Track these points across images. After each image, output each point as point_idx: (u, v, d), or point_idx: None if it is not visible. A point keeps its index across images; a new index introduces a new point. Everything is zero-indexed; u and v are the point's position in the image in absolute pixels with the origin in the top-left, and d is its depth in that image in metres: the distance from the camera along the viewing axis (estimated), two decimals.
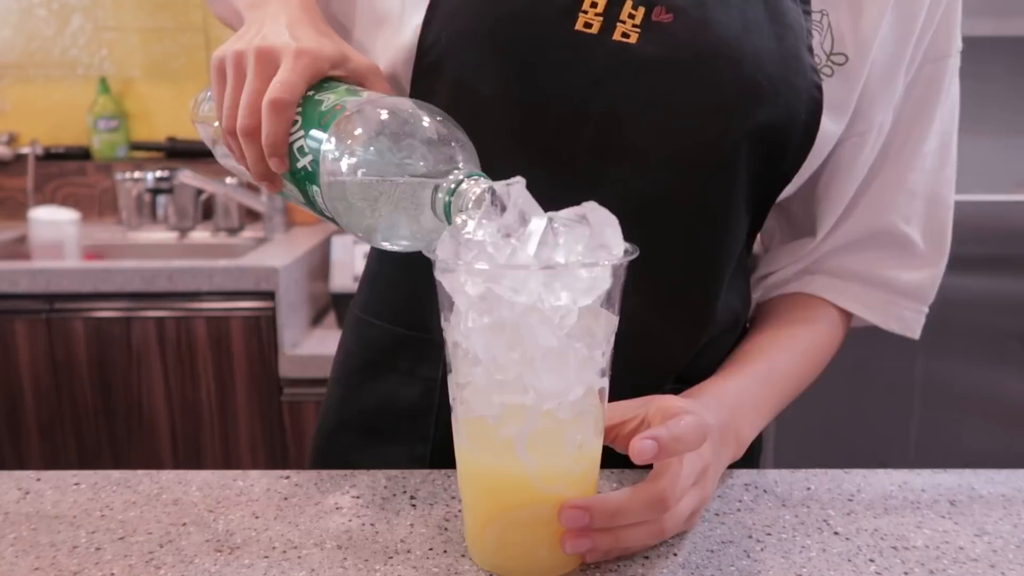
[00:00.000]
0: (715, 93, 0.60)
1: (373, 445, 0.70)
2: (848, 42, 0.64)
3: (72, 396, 1.69)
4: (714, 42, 0.60)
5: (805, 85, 0.62)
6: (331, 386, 0.76)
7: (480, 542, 0.51)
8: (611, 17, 0.60)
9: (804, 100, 0.62)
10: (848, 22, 0.64)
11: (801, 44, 0.63)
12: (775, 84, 0.61)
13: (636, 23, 0.60)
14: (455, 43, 0.61)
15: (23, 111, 2.21)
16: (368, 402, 0.71)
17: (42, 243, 1.89)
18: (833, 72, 0.64)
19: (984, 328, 1.61)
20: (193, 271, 1.65)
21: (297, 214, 2.15)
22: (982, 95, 1.79)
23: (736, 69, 0.60)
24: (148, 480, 0.62)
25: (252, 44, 0.54)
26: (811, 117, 0.63)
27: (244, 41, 0.55)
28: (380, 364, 0.70)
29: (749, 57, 0.60)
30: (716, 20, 0.60)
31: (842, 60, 0.64)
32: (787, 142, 0.63)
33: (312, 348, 1.70)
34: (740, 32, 0.60)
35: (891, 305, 0.72)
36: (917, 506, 0.60)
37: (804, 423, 1.68)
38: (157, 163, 2.20)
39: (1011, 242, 1.60)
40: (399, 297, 0.70)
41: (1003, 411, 1.68)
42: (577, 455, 0.49)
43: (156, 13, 2.18)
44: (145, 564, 0.51)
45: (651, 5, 0.60)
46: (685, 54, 0.60)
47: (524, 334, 0.45)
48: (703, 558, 0.52)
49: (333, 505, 0.58)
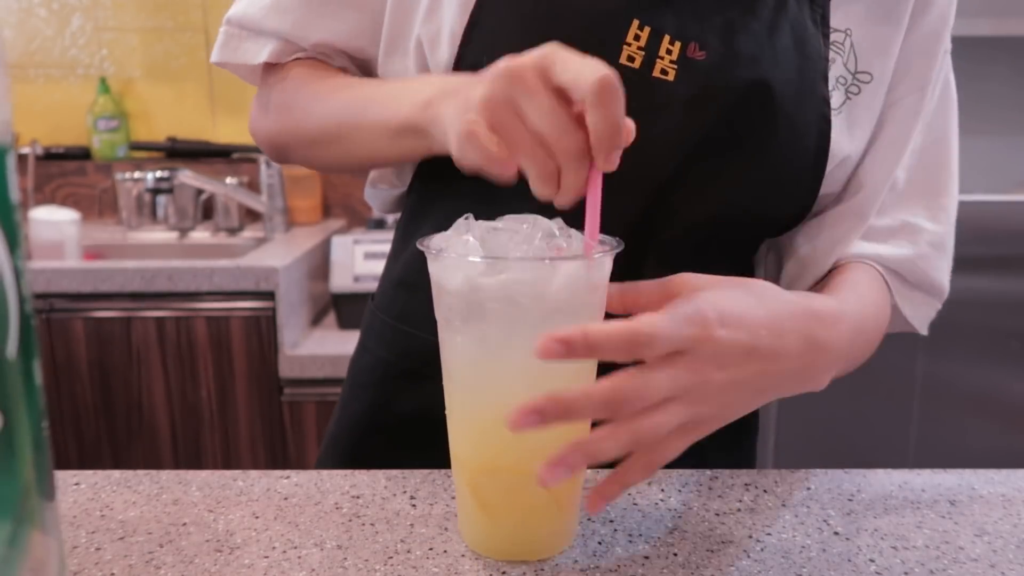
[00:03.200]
0: (740, 129, 0.62)
1: (410, 449, 0.70)
2: (873, 60, 0.66)
3: (72, 396, 1.69)
4: (743, 82, 0.61)
5: (815, 119, 0.64)
6: (356, 390, 0.75)
7: (471, 522, 0.52)
8: (651, 52, 0.61)
9: (814, 134, 0.64)
10: (870, 40, 0.66)
11: (817, 76, 0.64)
12: (791, 118, 0.63)
13: (673, 59, 0.61)
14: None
15: (23, 111, 2.21)
16: (407, 409, 0.71)
17: (42, 243, 1.89)
18: (860, 91, 0.66)
19: (984, 328, 1.62)
20: (193, 271, 1.65)
21: (297, 214, 2.15)
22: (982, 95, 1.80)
23: (761, 107, 0.62)
24: (148, 480, 0.62)
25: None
26: (819, 150, 0.65)
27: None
28: (421, 373, 0.70)
29: (774, 94, 0.62)
30: (746, 56, 0.61)
31: (868, 79, 0.66)
32: (796, 168, 0.65)
33: (312, 348, 1.70)
34: (769, 67, 0.62)
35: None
36: (917, 506, 0.60)
37: (804, 423, 1.68)
38: (157, 163, 2.20)
39: (1011, 242, 1.60)
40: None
41: (1003, 411, 1.68)
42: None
43: (156, 13, 2.18)
44: (145, 564, 0.51)
45: (686, 40, 0.61)
46: (716, 94, 0.61)
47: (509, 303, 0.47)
48: (703, 558, 0.52)
49: (333, 505, 0.58)
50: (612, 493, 0.48)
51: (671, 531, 0.55)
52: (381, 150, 0.65)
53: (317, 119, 0.68)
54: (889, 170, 0.68)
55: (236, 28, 0.72)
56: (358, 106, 0.65)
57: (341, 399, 0.78)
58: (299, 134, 0.71)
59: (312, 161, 0.74)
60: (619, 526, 0.56)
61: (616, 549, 0.53)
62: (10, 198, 0.31)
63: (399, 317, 0.72)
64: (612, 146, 0.46)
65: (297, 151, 0.73)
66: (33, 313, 0.33)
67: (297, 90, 0.70)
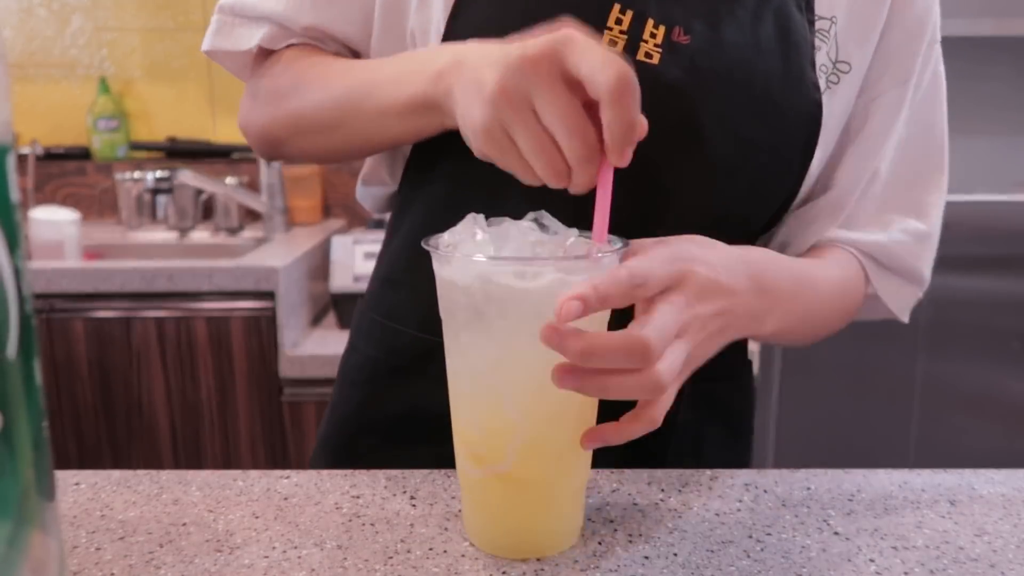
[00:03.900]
0: (727, 117, 0.61)
1: (400, 446, 0.70)
2: (853, 50, 0.65)
3: (72, 396, 1.69)
4: (728, 65, 0.61)
5: (805, 104, 0.64)
6: (347, 388, 0.75)
7: (475, 519, 0.53)
8: (635, 36, 0.61)
9: (804, 120, 0.64)
10: (852, 29, 0.65)
11: (805, 61, 0.64)
12: (779, 106, 0.63)
13: (657, 43, 0.61)
14: None
15: (23, 111, 2.21)
16: (396, 407, 0.71)
17: (42, 243, 1.89)
18: (839, 80, 0.66)
19: (984, 328, 1.62)
20: (193, 271, 1.65)
21: (297, 214, 2.15)
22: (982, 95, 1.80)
23: (747, 92, 0.62)
24: (148, 480, 0.62)
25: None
26: (810, 136, 0.65)
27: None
28: (408, 370, 0.70)
29: (759, 80, 0.62)
30: (730, 42, 0.61)
31: (847, 69, 0.66)
32: (787, 160, 0.65)
33: (312, 348, 1.70)
34: (752, 54, 0.62)
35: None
36: (917, 506, 0.60)
37: (804, 423, 1.68)
38: (157, 163, 2.20)
39: (1011, 242, 1.60)
40: (428, 305, 0.70)
41: (1003, 411, 1.68)
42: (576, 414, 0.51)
43: (156, 13, 2.18)
44: (145, 564, 0.51)
45: (671, 24, 0.61)
46: (701, 78, 0.61)
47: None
48: (703, 558, 0.52)
49: (333, 505, 0.58)
50: (608, 438, 0.50)
51: (671, 531, 0.55)
52: (387, 131, 0.63)
53: (315, 104, 0.66)
54: (867, 164, 0.69)
55: (229, 16, 0.72)
56: (360, 87, 0.63)
57: (332, 399, 0.78)
58: (294, 122, 0.69)
59: (308, 151, 0.72)
60: (619, 526, 0.56)
61: (616, 549, 0.53)
62: (10, 198, 0.31)
63: (387, 314, 0.72)
64: (626, 144, 0.46)
65: (291, 142, 0.70)
66: (33, 313, 0.33)
67: (292, 77, 0.69)
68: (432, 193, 0.68)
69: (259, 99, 0.72)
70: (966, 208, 1.49)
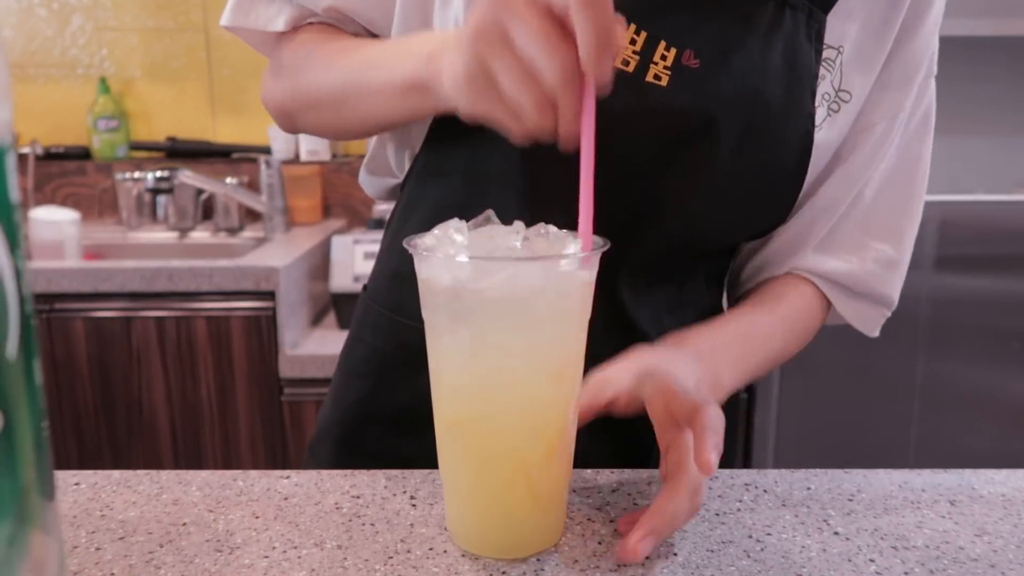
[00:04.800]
0: (725, 141, 0.62)
1: (405, 435, 0.70)
2: (855, 79, 0.67)
3: (72, 396, 1.69)
4: (733, 92, 0.62)
5: (798, 136, 0.65)
6: (352, 379, 0.75)
7: (461, 520, 0.53)
8: (646, 57, 0.61)
9: (796, 149, 0.65)
10: (856, 59, 0.67)
11: (806, 92, 0.65)
12: (775, 134, 0.64)
13: (668, 65, 0.61)
14: None
15: (23, 111, 2.21)
16: (403, 398, 0.71)
17: (42, 243, 1.89)
18: (840, 109, 0.67)
19: (984, 328, 1.61)
20: (193, 271, 1.65)
21: (297, 214, 2.15)
22: (982, 95, 1.80)
23: (748, 119, 0.63)
24: (148, 480, 0.62)
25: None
26: (799, 165, 0.66)
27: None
28: (417, 363, 0.70)
29: (761, 108, 0.63)
30: (738, 69, 0.62)
31: (847, 98, 0.67)
32: (776, 186, 0.67)
33: (312, 348, 1.70)
34: (758, 82, 0.63)
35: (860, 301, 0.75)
36: (917, 506, 0.60)
37: (804, 423, 1.68)
38: (157, 163, 2.20)
39: (1011, 242, 1.60)
40: None
41: (1003, 411, 1.68)
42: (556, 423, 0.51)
43: (156, 13, 2.18)
44: (145, 564, 0.51)
45: (682, 48, 0.61)
46: (706, 102, 0.61)
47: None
48: (703, 558, 0.52)
49: (333, 505, 0.58)
50: (653, 542, 0.52)
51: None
52: (389, 110, 0.64)
53: (323, 81, 0.68)
54: (850, 191, 0.71)
55: None
56: (362, 67, 0.64)
57: (333, 389, 0.78)
58: (304, 97, 0.70)
59: (320, 126, 0.73)
60: (619, 526, 0.56)
61: (616, 549, 0.53)
62: (10, 198, 0.31)
63: (395, 308, 0.72)
64: (602, 52, 0.44)
65: (303, 115, 0.72)
66: (33, 313, 0.33)
67: (307, 54, 0.70)
68: (449, 185, 0.69)
69: (278, 75, 0.73)
70: (966, 208, 1.49)
